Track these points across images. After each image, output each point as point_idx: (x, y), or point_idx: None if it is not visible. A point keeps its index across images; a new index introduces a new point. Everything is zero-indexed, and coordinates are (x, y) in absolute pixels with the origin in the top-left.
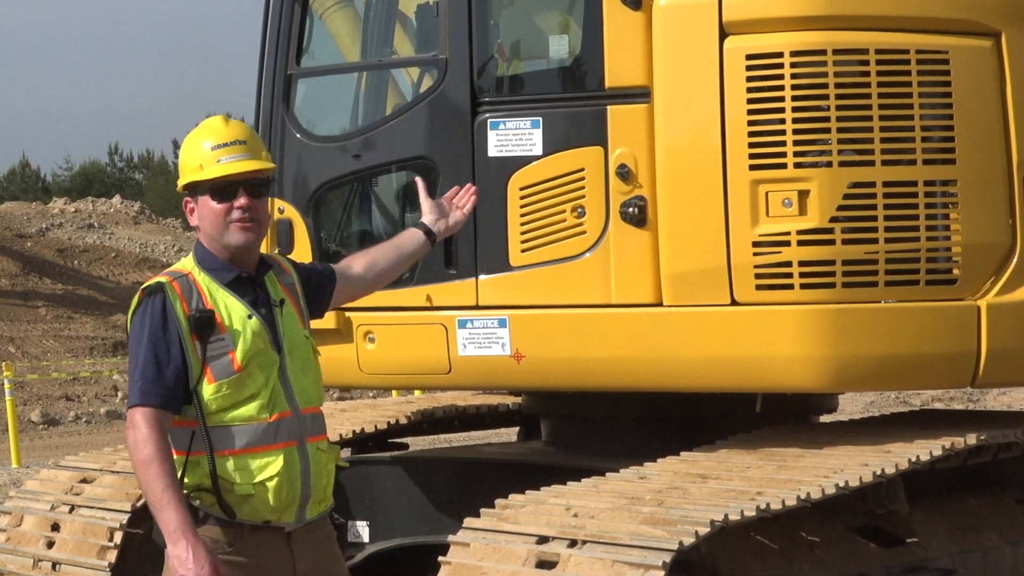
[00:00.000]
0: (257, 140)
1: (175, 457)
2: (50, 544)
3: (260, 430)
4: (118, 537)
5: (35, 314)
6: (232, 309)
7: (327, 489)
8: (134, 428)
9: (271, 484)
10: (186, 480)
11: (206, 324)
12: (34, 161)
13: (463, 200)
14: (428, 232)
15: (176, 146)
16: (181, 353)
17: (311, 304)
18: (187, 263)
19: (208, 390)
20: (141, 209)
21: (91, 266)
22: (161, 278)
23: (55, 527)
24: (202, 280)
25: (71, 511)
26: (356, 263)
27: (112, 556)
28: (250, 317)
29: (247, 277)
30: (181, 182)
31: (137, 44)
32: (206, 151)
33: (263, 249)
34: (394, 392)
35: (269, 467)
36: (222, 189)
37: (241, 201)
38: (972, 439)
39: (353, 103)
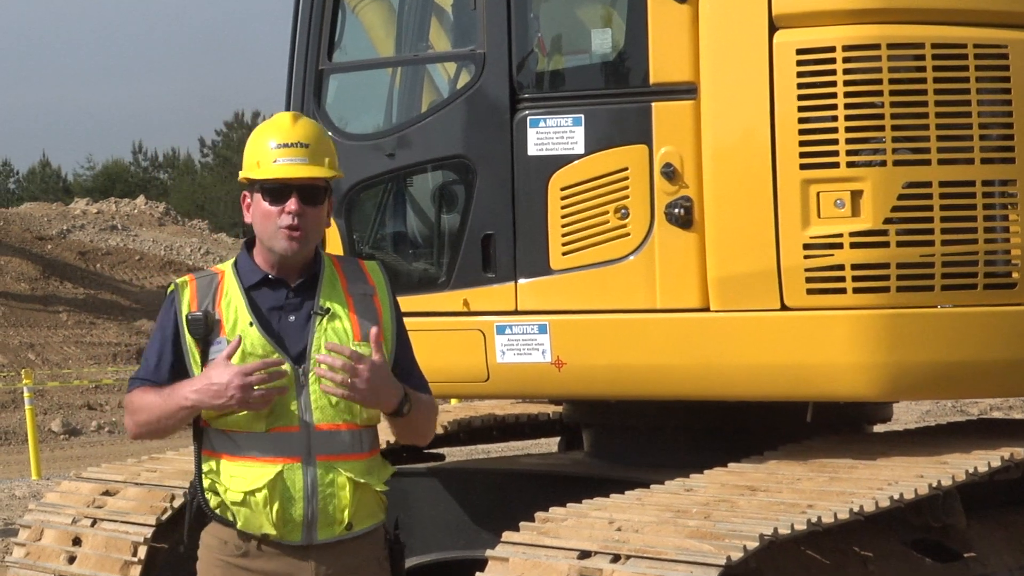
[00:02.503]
0: (324, 144)
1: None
2: (71, 559)
3: (256, 440)
4: (142, 552)
5: (56, 319)
6: (238, 314)
7: (344, 512)
8: (126, 410)
9: (259, 496)
10: (201, 479)
11: (200, 326)
12: (55, 160)
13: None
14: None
15: (202, 144)
16: (178, 352)
17: None
18: (228, 262)
19: None
20: (166, 210)
21: (114, 269)
22: (185, 276)
23: (76, 542)
24: (229, 280)
25: (93, 525)
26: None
27: (136, 572)
28: (251, 325)
29: (276, 279)
30: (241, 175)
31: (162, 39)
32: (267, 148)
33: (338, 249)
34: None
35: (258, 479)
36: (275, 191)
37: (291, 207)
38: None
39: (387, 100)
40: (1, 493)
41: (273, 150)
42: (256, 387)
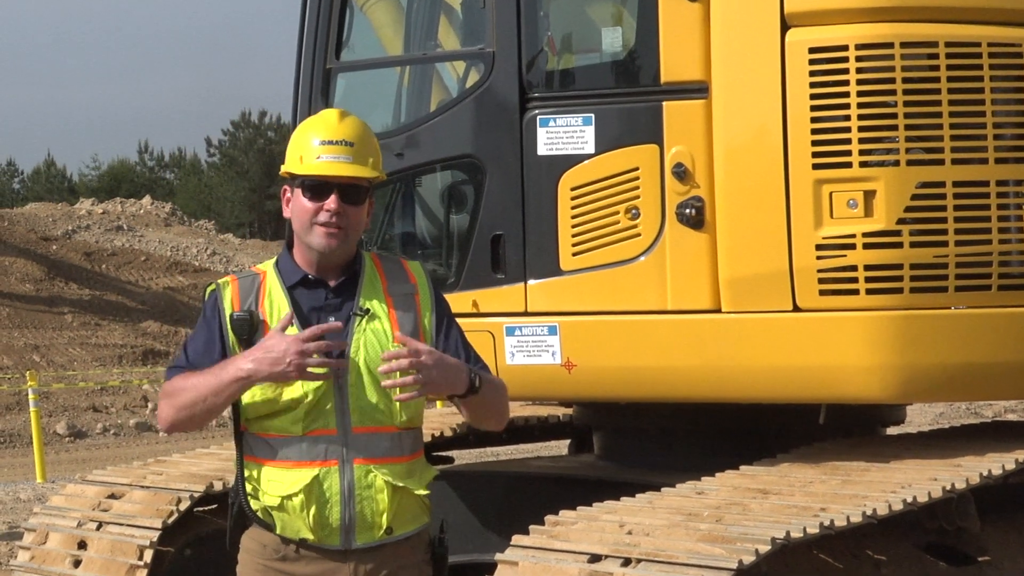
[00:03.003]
0: (369, 145)
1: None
2: (76, 563)
3: (292, 444)
4: (148, 556)
5: (61, 321)
6: (282, 314)
7: (383, 516)
8: (163, 396)
9: (296, 501)
10: (244, 483)
11: (244, 326)
12: (60, 160)
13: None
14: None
15: (209, 144)
16: (222, 350)
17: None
18: (269, 262)
19: (246, 395)
20: (172, 210)
21: (120, 270)
22: (226, 277)
23: (82, 545)
24: (271, 280)
25: (98, 528)
26: None
27: None
28: (293, 326)
29: (315, 279)
30: (283, 169)
31: (169, 37)
32: (310, 144)
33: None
34: (439, 403)
35: (295, 483)
36: (315, 187)
37: (331, 204)
38: None
39: (395, 99)
40: (5, 496)
41: (317, 146)
42: (315, 355)
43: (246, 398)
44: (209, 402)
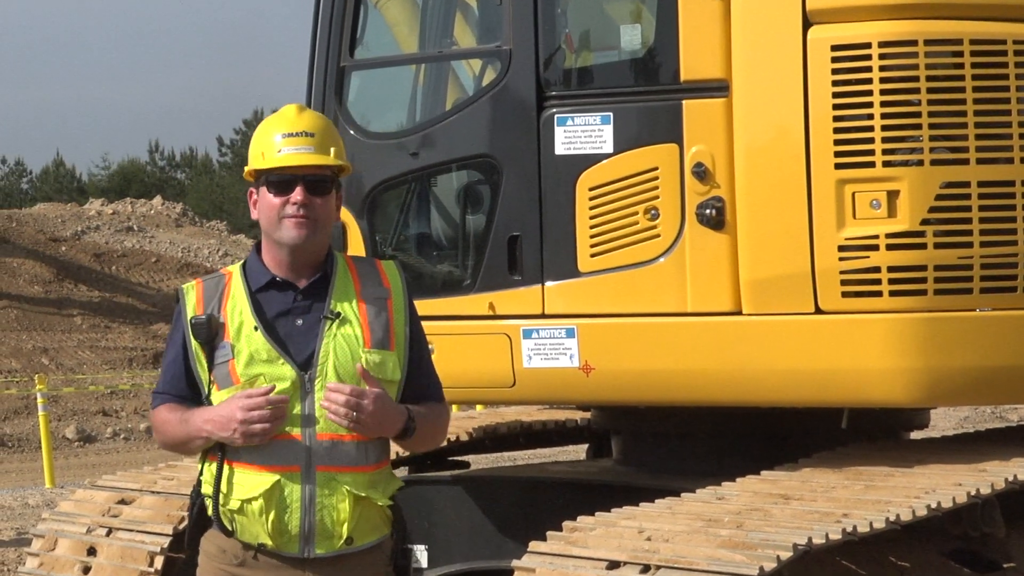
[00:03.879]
0: (330, 135)
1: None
2: (86, 570)
3: (255, 448)
4: (159, 562)
5: (70, 323)
6: (243, 317)
7: (343, 526)
8: (152, 425)
9: (255, 505)
10: (203, 485)
11: (203, 330)
12: (69, 159)
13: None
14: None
15: (221, 143)
16: (185, 356)
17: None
18: (238, 263)
19: (215, 399)
20: (183, 211)
21: (130, 272)
22: (192, 280)
23: (91, 551)
24: (236, 283)
25: (108, 534)
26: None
27: None
28: (256, 329)
29: (283, 281)
30: (246, 169)
31: (179, 34)
32: (271, 140)
33: (360, 251)
34: (454, 407)
35: (256, 487)
36: (280, 182)
37: (297, 196)
38: None
39: (410, 97)
40: (14, 502)
41: (278, 141)
42: (257, 420)
43: (215, 401)
44: (186, 447)
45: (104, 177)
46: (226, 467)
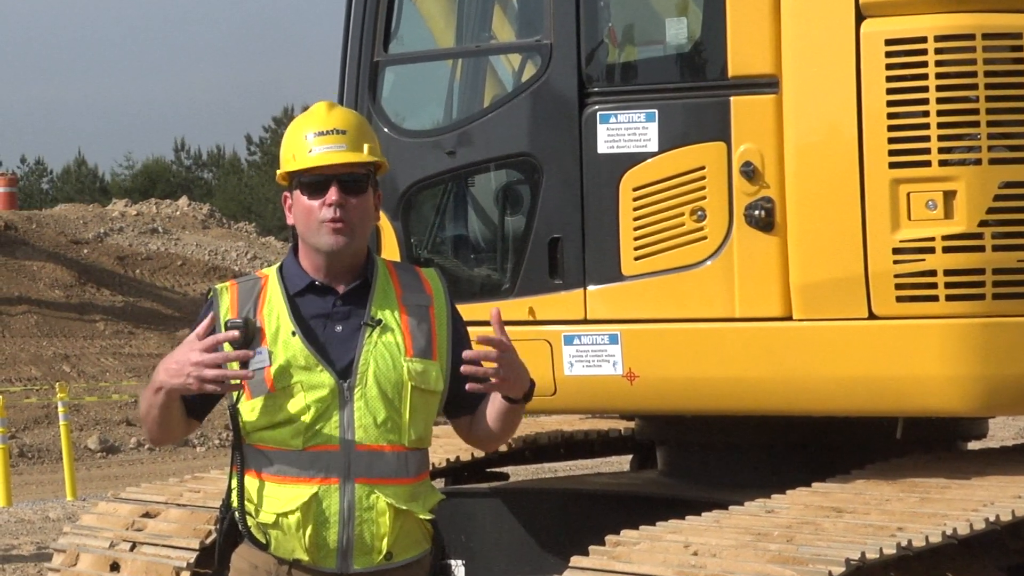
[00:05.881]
0: (363, 131)
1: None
2: None
3: (291, 458)
4: None
5: (92, 329)
6: (281, 322)
7: (383, 541)
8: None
9: (292, 519)
10: (233, 498)
11: (243, 334)
12: (91, 159)
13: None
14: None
15: (249, 141)
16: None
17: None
18: (273, 266)
19: (245, 406)
20: (210, 212)
21: (154, 275)
22: (225, 282)
23: (114, 567)
24: (272, 286)
25: (132, 549)
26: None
27: None
28: (294, 334)
29: (322, 286)
30: (278, 173)
31: (206, 28)
32: (302, 140)
33: (394, 254)
34: None
35: (292, 500)
36: (314, 184)
37: (332, 197)
38: None
39: (447, 94)
40: (34, 515)
41: (309, 140)
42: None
43: (245, 412)
44: (152, 415)
45: (128, 177)
46: (258, 479)
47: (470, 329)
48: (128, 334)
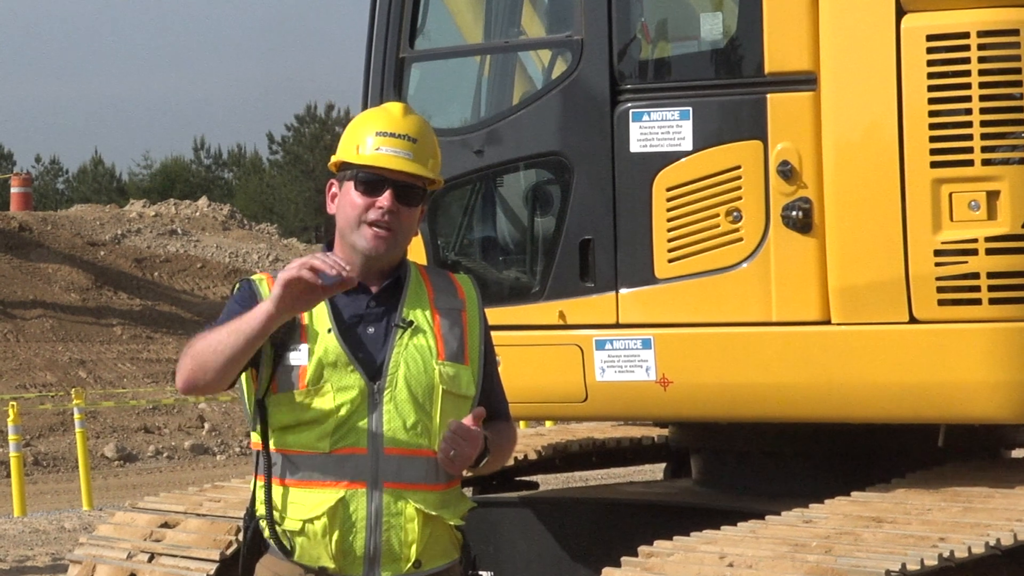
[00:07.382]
0: (430, 144)
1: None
2: None
3: (318, 462)
4: None
5: (109, 333)
6: (318, 319)
7: (411, 548)
8: (184, 354)
9: (318, 525)
10: (257, 505)
11: (280, 328)
12: (108, 158)
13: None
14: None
15: (271, 140)
16: None
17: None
18: None
19: (272, 401)
20: (231, 213)
21: (173, 278)
22: (261, 274)
23: None
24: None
25: (150, 560)
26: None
27: None
28: (329, 331)
29: (357, 284)
30: (333, 159)
31: (227, 24)
32: (369, 135)
33: (420, 257)
34: (522, 423)
35: (318, 505)
36: (370, 182)
37: (384, 201)
38: None
39: (475, 91)
40: (50, 525)
41: (377, 138)
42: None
43: (272, 408)
44: (232, 341)
45: (146, 177)
46: (283, 486)
47: (494, 334)
48: (146, 339)
